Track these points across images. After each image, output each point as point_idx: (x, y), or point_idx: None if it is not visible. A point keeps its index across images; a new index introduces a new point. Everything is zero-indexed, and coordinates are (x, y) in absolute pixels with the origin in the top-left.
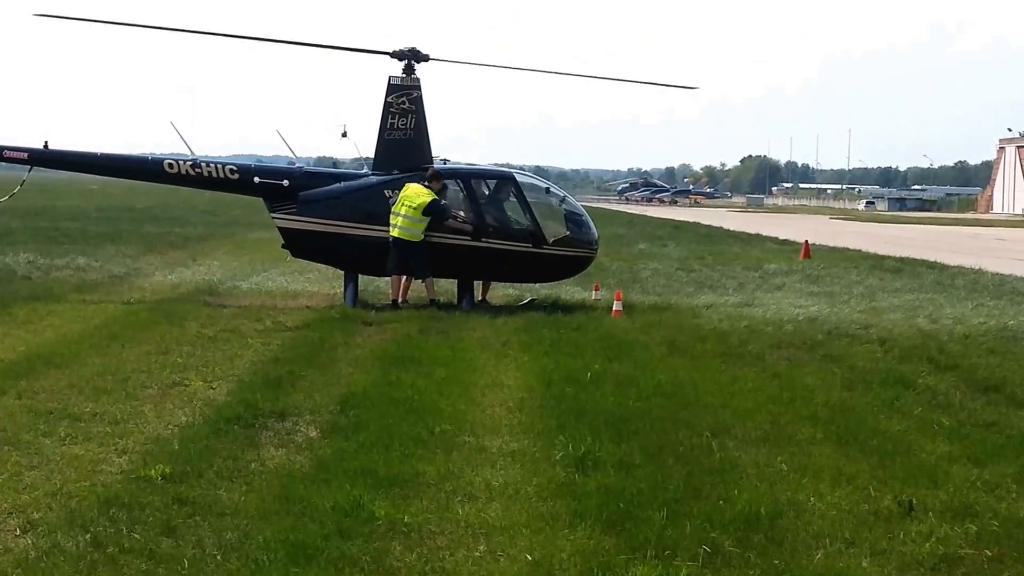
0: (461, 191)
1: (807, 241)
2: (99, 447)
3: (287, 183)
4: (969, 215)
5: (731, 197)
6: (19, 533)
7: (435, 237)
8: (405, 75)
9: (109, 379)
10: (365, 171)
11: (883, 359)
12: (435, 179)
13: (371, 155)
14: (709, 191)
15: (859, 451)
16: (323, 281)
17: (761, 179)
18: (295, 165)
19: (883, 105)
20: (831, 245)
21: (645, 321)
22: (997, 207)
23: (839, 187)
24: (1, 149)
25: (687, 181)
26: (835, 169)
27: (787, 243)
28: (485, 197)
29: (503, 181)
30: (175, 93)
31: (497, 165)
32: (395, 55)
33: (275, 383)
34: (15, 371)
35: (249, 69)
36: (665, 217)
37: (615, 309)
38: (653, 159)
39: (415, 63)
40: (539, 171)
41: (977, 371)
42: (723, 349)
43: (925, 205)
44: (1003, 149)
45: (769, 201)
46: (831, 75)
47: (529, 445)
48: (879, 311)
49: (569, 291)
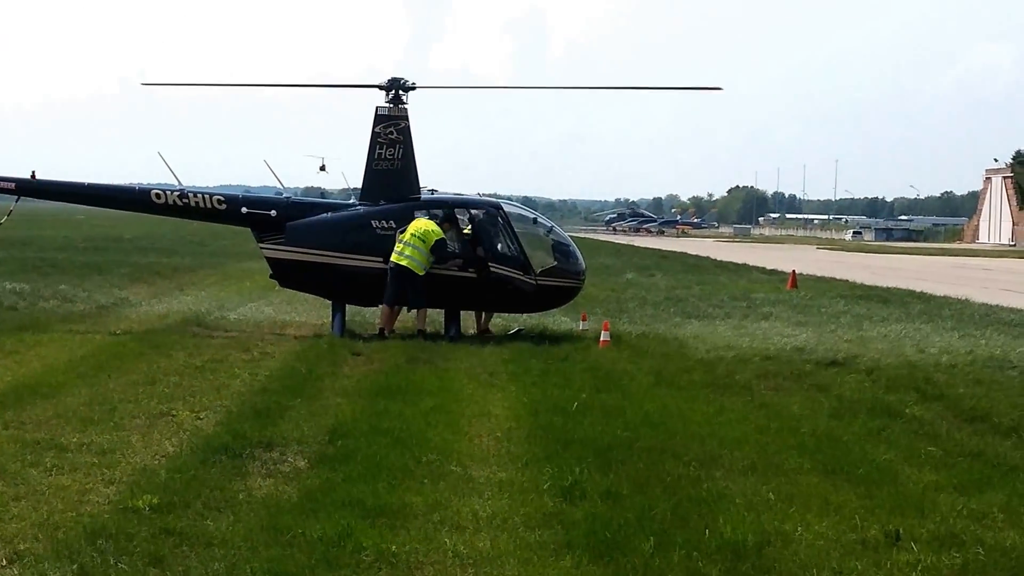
0: (449, 222)
1: (794, 271)
2: (86, 477)
3: (275, 213)
4: (956, 245)
5: (718, 227)
6: (5, 564)
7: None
8: (392, 105)
9: (96, 409)
10: (353, 201)
11: (870, 388)
12: (448, 222)
13: (359, 185)
14: (696, 221)
15: (846, 480)
16: (311, 311)
17: (748, 209)
18: (283, 195)
19: (870, 136)
20: (818, 275)
21: (632, 351)
22: (983, 237)
23: (826, 217)
24: None
25: (674, 211)
26: (822, 199)
27: (774, 273)
28: (473, 227)
29: (491, 211)
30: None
31: (485, 195)
32: (382, 86)
33: (263, 413)
34: (2, 401)
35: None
36: (652, 247)
37: (602, 339)
38: (641, 189)
39: (402, 92)
40: (527, 201)
41: (963, 401)
42: (710, 379)
43: (912, 235)
44: (989, 179)
45: (756, 231)
46: (818, 106)
47: (517, 475)
48: (866, 341)
49: (557, 321)
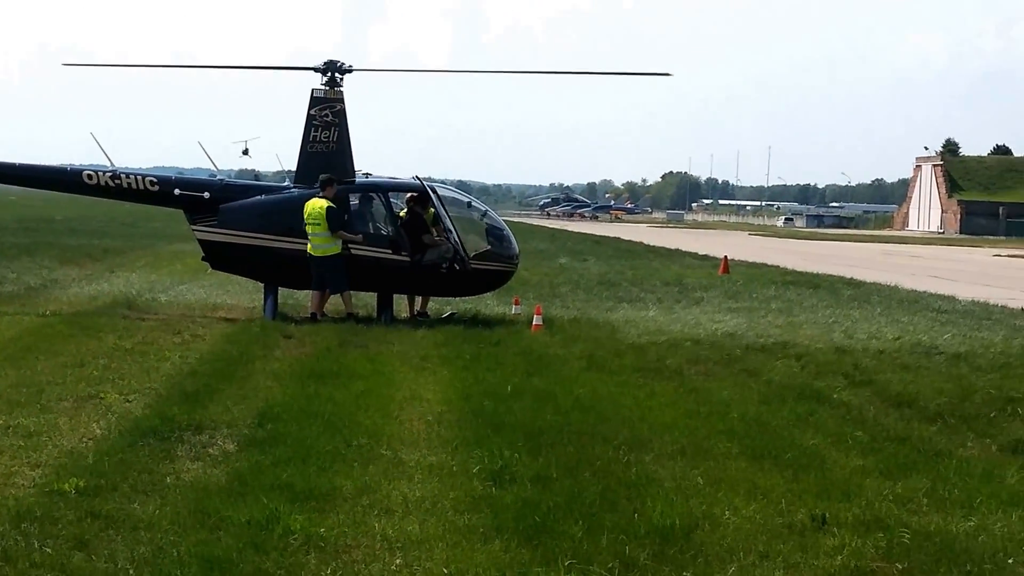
0: (381, 204)
1: (726, 256)
2: (11, 460)
3: (208, 195)
4: (886, 232)
5: (652, 213)
6: None
7: (356, 250)
8: (328, 88)
9: (23, 391)
10: (287, 184)
11: (799, 374)
12: (327, 186)
13: (293, 168)
14: (630, 207)
15: (774, 465)
16: (243, 294)
17: (681, 195)
18: (216, 177)
19: (802, 123)
20: (750, 261)
21: (564, 336)
22: (913, 224)
23: (758, 203)
24: None
25: (608, 196)
26: (755, 186)
27: (707, 258)
28: (406, 211)
29: (424, 195)
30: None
31: (419, 179)
32: (318, 68)
33: (192, 396)
34: None
35: (173, 80)
36: (586, 232)
37: (535, 324)
38: (575, 174)
39: (339, 75)
40: (461, 185)
41: (891, 386)
42: (641, 364)
43: (842, 222)
44: (919, 167)
45: (689, 217)
46: (751, 92)
47: (447, 459)
48: (796, 326)
49: (489, 305)
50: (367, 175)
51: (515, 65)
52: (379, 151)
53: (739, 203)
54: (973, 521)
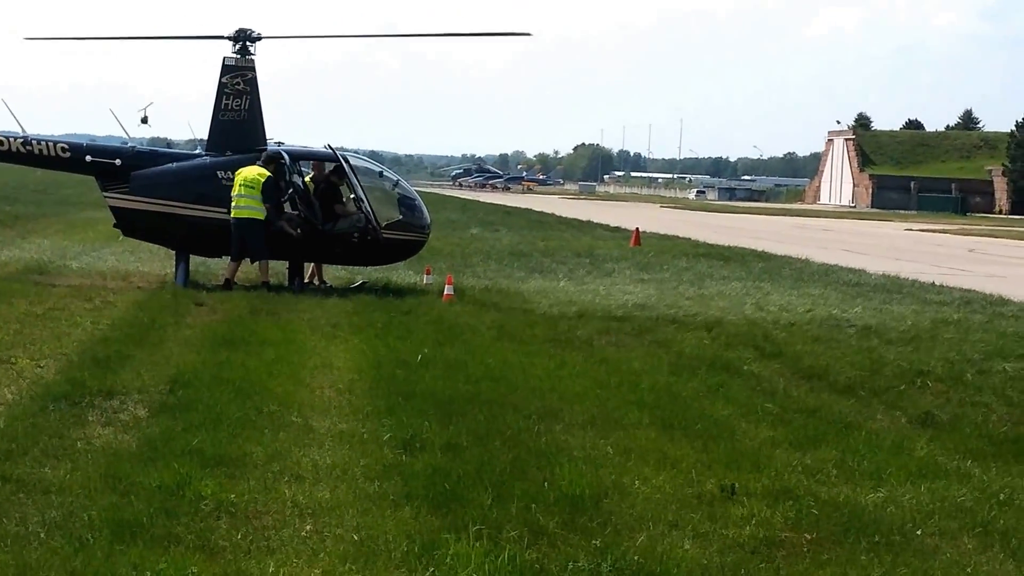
0: (293, 173)
1: (638, 229)
2: None
3: (119, 162)
4: (797, 205)
5: (564, 184)
6: None
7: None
8: (239, 56)
9: None
10: (199, 152)
11: (710, 345)
12: (271, 162)
13: (205, 136)
14: (542, 178)
15: (684, 435)
16: (154, 261)
17: (594, 167)
18: (128, 144)
19: (715, 96)
20: (661, 233)
21: (476, 305)
22: (824, 198)
23: (670, 176)
24: None
25: (520, 168)
26: (667, 158)
27: (618, 230)
28: (317, 179)
29: (335, 164)
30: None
31: (331, 148)
32: (229, 36)
33: (103, 362)
34: None
35: (86, 47)
36: (498, 203)
37: (446, 293)
38: (487, 145)
39: (249, 43)
40: (373, 155)
41: (801, 359)
42: (552, 334)
43: (754, 195)
44: (831, 141)
45: (601, 189)
46: (664, 65)
47: (357, 426)
48: (707, 298)
49: (400, 275)
50: (279, 143)
51: (421, 28)
52: (292, 120)
53: (651, 176)
54: (882, 492)
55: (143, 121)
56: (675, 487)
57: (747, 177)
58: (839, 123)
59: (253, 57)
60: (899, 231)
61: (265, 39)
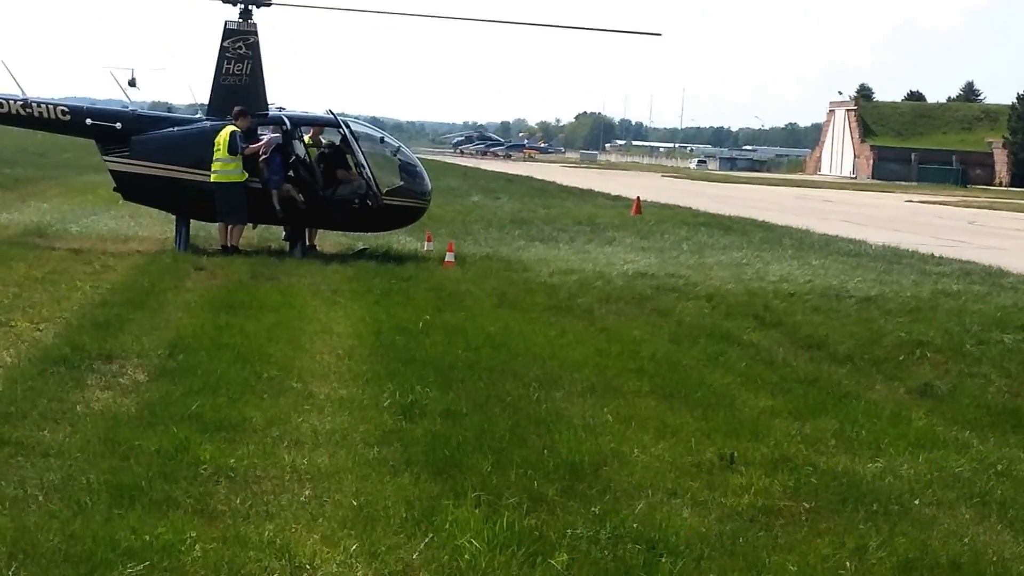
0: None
1: (639, 197)
2: None
3: (120, 126)
4: (798, 176)
5: (565, 153)
6: None
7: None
8: (242, 20)
9: None
10: (199, 116)
11: (710, 315)
12: (240, 116)
13: (206, 100)
14: (543, 146)
15: (683, 404)
16: (154, 225)
17: (595, 135)
18: (129, 108)
19: (716, 66)
20: (662, 202)
21: (476, 273)
22: (825, 169)
23: (672, 145)
24: None
25: (522, 135)
26: (668, 128)
27: (619, 199)
28: (319, 145)
29: (337, 129)
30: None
31: (333, 113)
32: (232, 0)
33: (103, 326)
34: None
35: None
36: (499, 171)
37: (447, 260)
38: (489, 113)
39: (253, 8)
40: (375, 121)
41: (801, 328)
42: (553, 302)
43: (755, 165)
44: (833, 112)
45: (603, 158)
46: (667, 34)
47: (357, 392)
48: (707, 268)
49: (401, 241)
50: (280, 108)
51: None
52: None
53: (652, 144)
54: (880, 462)
55: (131, 83)
56: (674, 455)
57: (748, 147)
58: (841, 94)
59: (255, 22)
60: (899, 202)
61: (272, 4)
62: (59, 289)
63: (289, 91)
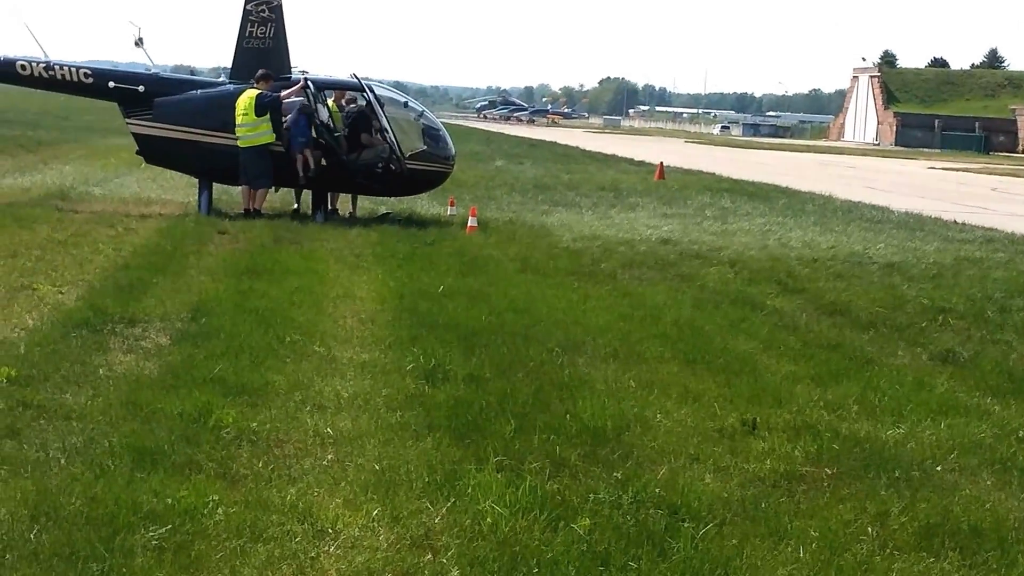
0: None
1: (662, 163)
2: None
3: (143, 89)
4: (821, 142)
5: (588, 118)
6: None
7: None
8: None
9: None
10: (222, 80)
11: (733, 280)
12: (263, 80)
13: (229, 64)
14: (567, 111)
15: (706, 369)
16: (177, 189)
17: (619, 101)
18: (151, 71)
19: (740, 31)
20: (686, 168)
21: (499, 237)
22: (848, 135)
23: (695, 111)
24: None
25: (545, 100)
26: (692, 93)
27: (642, 164)
28: (342, 109)
29: (361, 93)
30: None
31: (356, 77)
32: None
33: (126, 289)
34: None
35: None
36: (522, 136)
37: (470, 225)
38: (512, 78)
39: None
40: (398, 86)
41: (824, 294)
42: (576, 267)
43: (779, 131)
44: (856, 78)
45: (626, 123)
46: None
47: (380, 356)
48: (730, 233)
49: (424, 206)
50: (303, 72)
51: None
52: (317, 49)
53: (676, 110)
54: (902, 428)
55: (138, 44)
56: (697, 421)
57: (772, 113)
58: (864, 60)
59: None
60: (922, 169)
61: None
62: (81, 252)
63: (313, 55)
